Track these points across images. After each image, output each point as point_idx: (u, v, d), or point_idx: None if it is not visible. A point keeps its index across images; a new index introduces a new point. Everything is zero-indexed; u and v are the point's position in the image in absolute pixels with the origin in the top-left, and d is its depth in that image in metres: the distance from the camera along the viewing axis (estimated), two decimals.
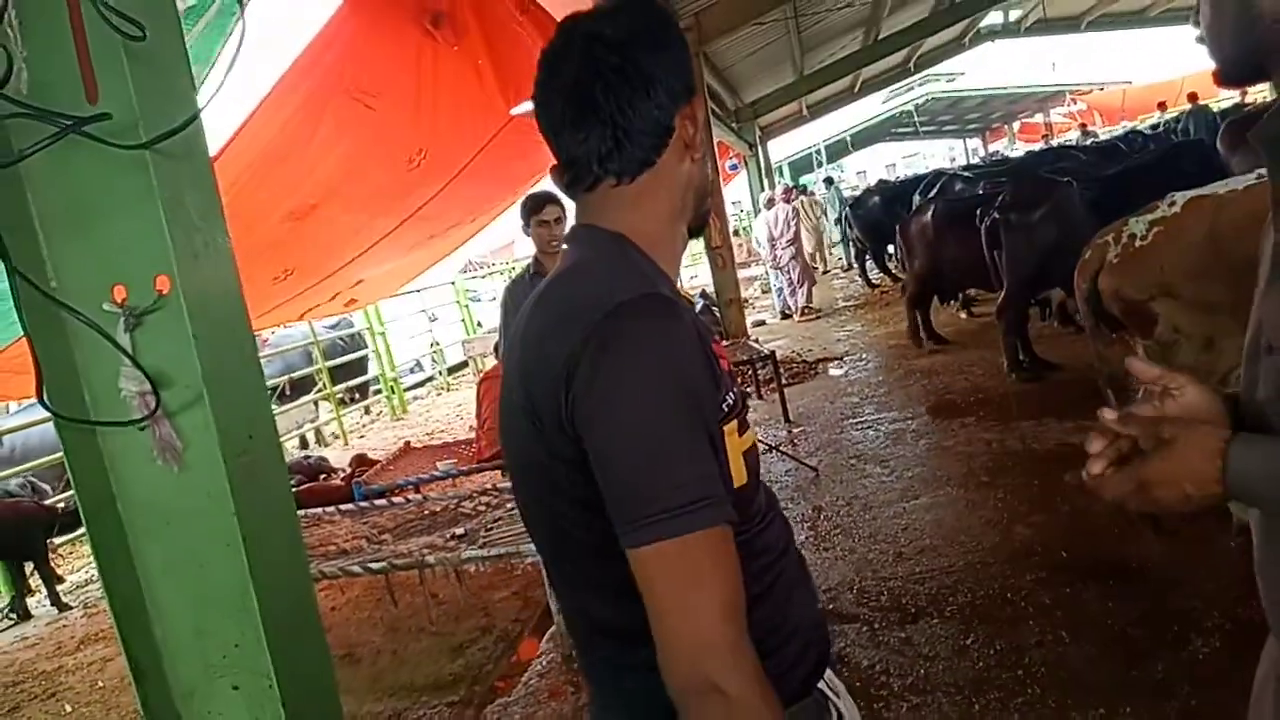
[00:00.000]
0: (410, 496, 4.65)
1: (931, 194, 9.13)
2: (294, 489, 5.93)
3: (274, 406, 8.82)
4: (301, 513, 4.71)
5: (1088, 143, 14.07)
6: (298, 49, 3.75)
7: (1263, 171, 3.15)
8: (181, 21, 1.58)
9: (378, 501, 4.61)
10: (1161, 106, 17.52)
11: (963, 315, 8.83)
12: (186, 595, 1.52)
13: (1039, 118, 30.52)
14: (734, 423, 0.93)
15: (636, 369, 0.84)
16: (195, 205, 1.52)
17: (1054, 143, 21.25)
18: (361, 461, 6.47)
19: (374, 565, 3.80)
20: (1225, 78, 0.98)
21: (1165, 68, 25.52)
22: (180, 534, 1.51)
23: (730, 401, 0.92)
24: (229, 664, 1.52)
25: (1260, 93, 18.32)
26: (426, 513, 4.49)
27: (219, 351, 1.51)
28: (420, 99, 4.68)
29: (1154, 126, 14.99)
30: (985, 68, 30.00)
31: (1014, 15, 18.57)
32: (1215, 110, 14.63)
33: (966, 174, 10.16)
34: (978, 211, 6.08)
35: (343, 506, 4.62)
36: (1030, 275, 5.83)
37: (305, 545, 4.26)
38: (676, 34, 1.01)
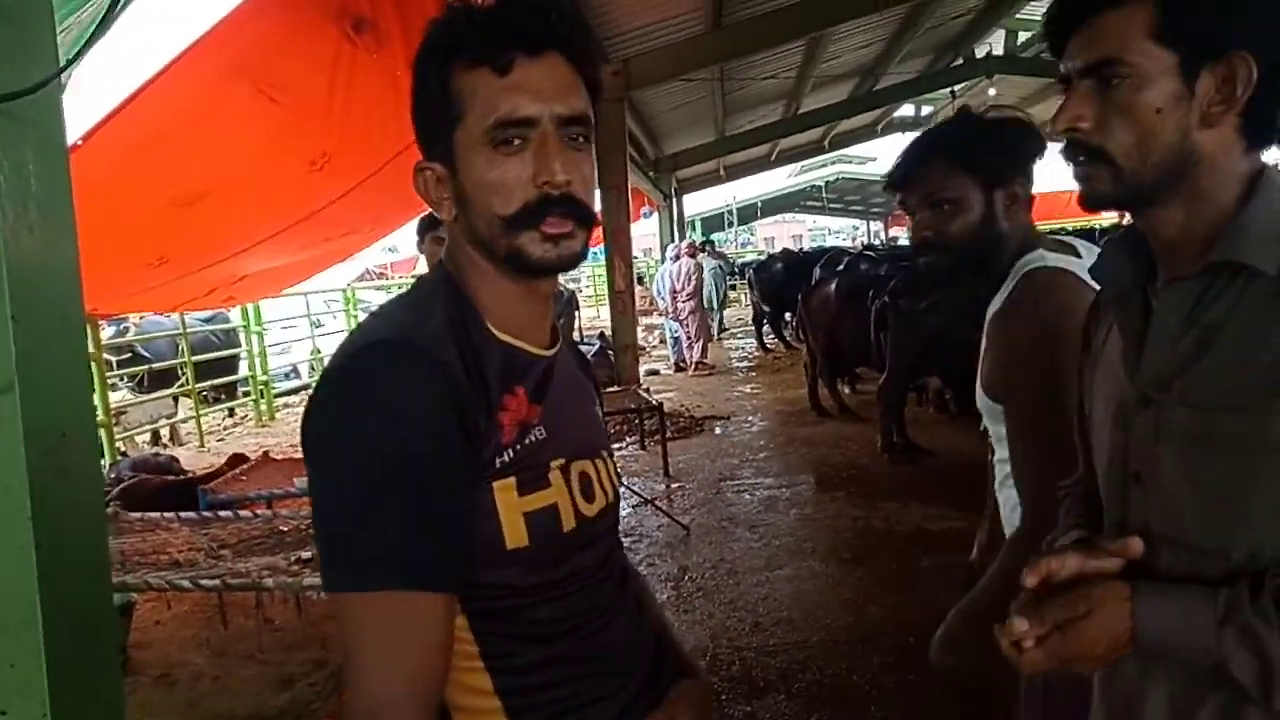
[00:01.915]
0: (259, 511, 4.38)
1: (838, 269, 9.37)
2: (143, 479, 5.53)
3: (131, 396, 8.27)
4: (138, 515, 4.38)
5: None
6: (203, 29, 3.56)
7: None
8: None
9: (222, 513, 4.32)
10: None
11: (846, 390, 9.06)
12: None
13: None
14: (510, 479, 0.89)
15: (340, 422, 0.84)
16: (38, 174, 1.40)
17: None
18: (237, 462, 6.02)
19: (205, 582, 3.53)
20: (1112, 201, 0.95)
21: (1061, 178, 27.34)
22: None
23: (508, 459, 0.89)
24: None
25: None
26: (274, 530, 4.23)
27: (40, 337, 1.38)
28: (331, 101, 4.51)
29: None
30: (895, 155, 31.40)
31: (925, 110, 19.57)
32: (1096, 227, 15.65)
33: (870, 254, 10.51)
34: (870, 293, 6.28)
35: (183, 514, 4.32)
36: (912, 360, 6.03)
37: (134, 552, 3.97)
38: (432, 63, 0.92)
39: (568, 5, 0.93)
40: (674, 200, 17.91)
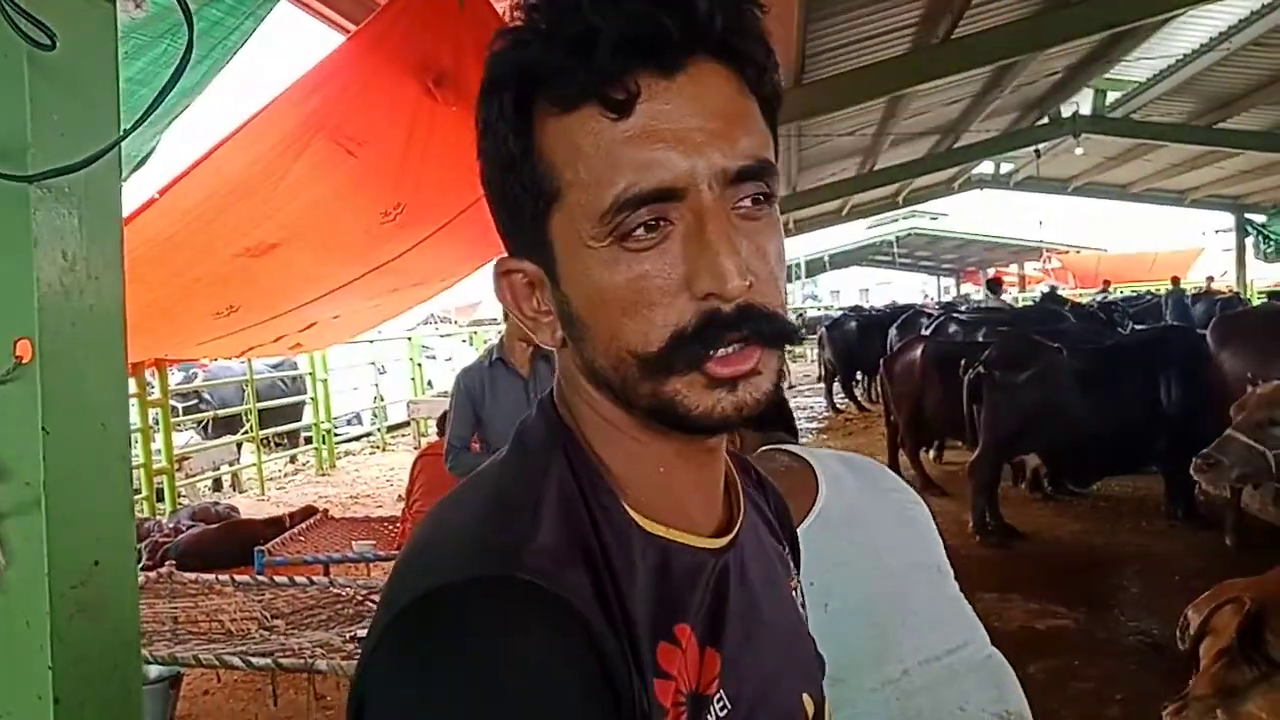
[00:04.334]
0: (316, 578, 4.19)
1: (923, 331, 8.94)
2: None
3: (195, 439, 8.26)
4: (192, 577, 4.25)
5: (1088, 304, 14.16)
6: (282, 86, 3.48)
7: None
8: (118, 39, 1.26)
9: (278, 579, 4.14)
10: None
11: (930, 456, 8.62)
12: None
13: (1013, 268, 31.35)
14: None
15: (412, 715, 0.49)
16: (84, 259, 1.20)
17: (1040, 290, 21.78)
18: (307, 514, 5.83)
19: (256, 660, 3.35)
20: None
21: (1141, 240, 26.62)
22: None
23: None
24: None
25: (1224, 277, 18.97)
26: (330, 598, 4.05)
27: (76, 446, 1.17)
28: (408, 154, 4.43)
29: (1128, 299, 15.39)
30: (968, 209, 30.90)
31: (1005, 168, 19.12)
32: (1188, 291, 15.05)
33: (959, 315, 10.02)
34: (961, 361, 5.93)
35: (238, 578, 4.15)
36: (1008, 436, 5.64)
37: (186, 619, 3.82)
38: (501, 107, 0.60)
39: None
40: None
